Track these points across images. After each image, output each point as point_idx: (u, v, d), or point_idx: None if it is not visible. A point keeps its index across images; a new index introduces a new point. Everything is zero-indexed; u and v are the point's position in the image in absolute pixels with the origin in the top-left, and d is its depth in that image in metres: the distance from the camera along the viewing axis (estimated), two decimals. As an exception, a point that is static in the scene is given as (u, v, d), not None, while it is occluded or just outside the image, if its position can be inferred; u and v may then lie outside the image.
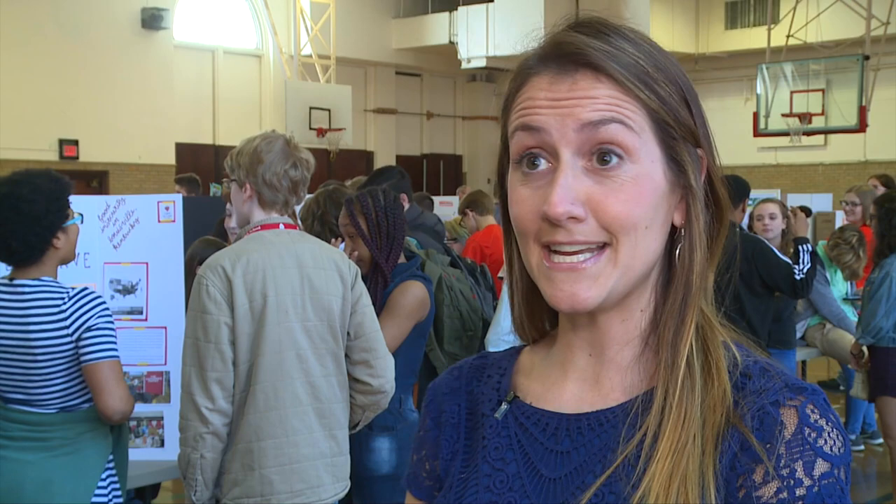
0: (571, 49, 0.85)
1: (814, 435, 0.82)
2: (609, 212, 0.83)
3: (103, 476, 2.64)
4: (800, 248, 4.76)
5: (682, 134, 0.86)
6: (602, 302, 0.85)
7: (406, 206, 4.36)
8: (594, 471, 0.86)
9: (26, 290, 2.56)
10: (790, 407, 0.83)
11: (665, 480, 0.81)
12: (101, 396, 2.55)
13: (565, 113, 0.83)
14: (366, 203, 3.22)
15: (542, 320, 0.98)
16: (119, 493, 2.72)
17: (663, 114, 0.85)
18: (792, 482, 0.81)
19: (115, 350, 2.59)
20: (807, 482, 0.81)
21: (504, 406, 0.94)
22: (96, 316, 2.56)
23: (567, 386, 0.92)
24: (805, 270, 4.68)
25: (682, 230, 0.88)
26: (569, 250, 0.84)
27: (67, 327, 2.54)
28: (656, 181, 0.85)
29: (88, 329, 2.55)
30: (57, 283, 2.60)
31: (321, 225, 3.71)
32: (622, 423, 0.87)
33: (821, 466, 0.81)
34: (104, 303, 2.61)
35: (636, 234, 0.84)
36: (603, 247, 0.84)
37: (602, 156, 0.83)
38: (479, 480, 0.92)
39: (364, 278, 2.90)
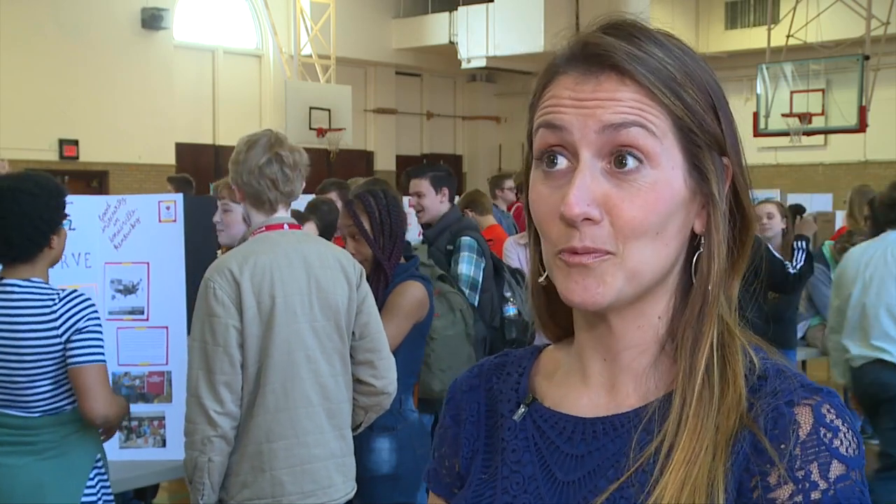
0: (598, 50, 0.85)
1: (829, 435, 0.81)
2: (623, 216, 0.83)
3: (91, 476, 2.62)
4: (795, 244, 4.81)
5: (706, 142, 0.86)
6: (612, 302, 0.85)
7: (447, 206, 4.40)
8: (607, 475, 0.86)
9: (16, 290, 2.55)
10: (805, 406, 0.82)
11: (676, 491, 0.80)
12: (85, 400, 2.54)
13: (587, 114, 0.83)
14: (368, 202, 3.22)
15: (564, 318, 0.97)
16: (109, 493, 2.70)
17: (688, 120, 0.85)
18: (807, 485, 0.79)
19: (102, 354, 2.58)
20: (822, 485, 0.79)
21: (522, 408, 0.95)
22: (86, 318, 2.55)
23: (583, 390, 0.93)
24: (798, 267, 4.74)
25: (702, 238, 0.88)
26: (581, 256, 0.83)
27: (57, 328, 2.53)
28: (675, 188, 0.85)
29: (78, 331, 2.54)
30: (47, 284, 2.59)
31: None
32: (635, 429, 0.86)
33: (837, 469, 0.80)
34: (93, 305, 2.60)
35: (645, 240, 0.84)
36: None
37: (621, 159, 0.83)
38: (497, 482, 0.93)
39: (367, 278, 2.90)
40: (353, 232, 3.23)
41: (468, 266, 4.08)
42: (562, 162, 0.85)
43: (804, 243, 4.88)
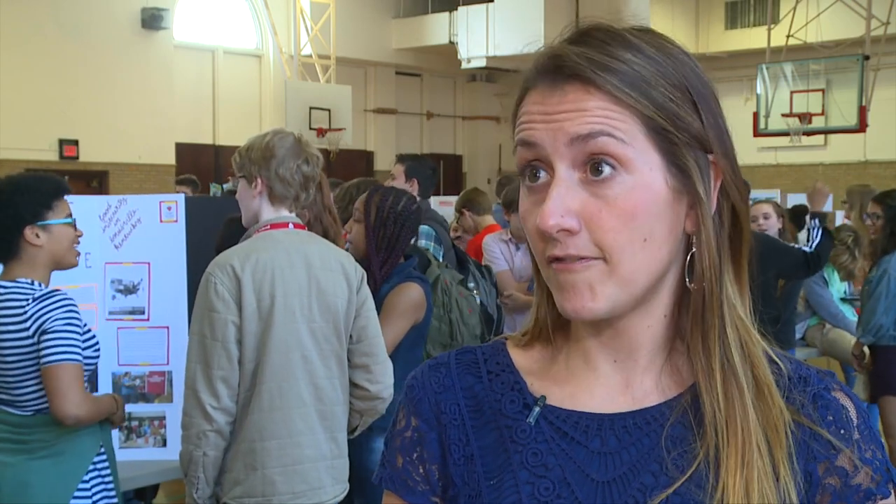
0: (561, 62, 0.84)
1: (865, 415, 0.89)
2: (603, 226, 0.82)
3: (86, 478, 2.60)
4: (811, 222, 4.79)
5: (684, 139, 0.85)
6: (609, 311, 0.84)
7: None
8: (651, 470, 0.86)
9: (1, 291, 2.55)
10: (839, 391, 0.90)
11: (741, 496, 0.82)
12: (53, 400, 2.49)
13: (556, 127, 0.83)
14: (385, 199, 3.25)
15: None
16: (112, 496, 2.68)
17: (659, 119, 0.83)
18: (878, 463, 0.88)
19: (75, 353, 2.52)
20: (881, 457, 0.88)
21: (536, 409, 0.90)
22: (54, 319, 2.51)
23: (595, 389, 0.91)
24: (815, 245, 4.70)
25: (694, 238, 0.87)
26: (567, 263, 0.83)
27: (28, 328, 2.51)
28: (655, 190, 0.83)
29: (45, 332, 2.51)
30: (30, 284, 2.56)
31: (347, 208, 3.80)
32: (669, 422, 0.87)
33: (879, 443, 0.89)
34: (69, 305, 2.55)
35: (633, 248, 0.83)
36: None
37: (596, 166, 0.82)
38: (519, 488, 0.88)
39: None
40: (358, 218, 3.27)
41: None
42: (543, 176, 0.85)
43: (818, 221, 4.83)
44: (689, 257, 0.87)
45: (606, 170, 0.82)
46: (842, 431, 0.87)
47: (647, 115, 0.83)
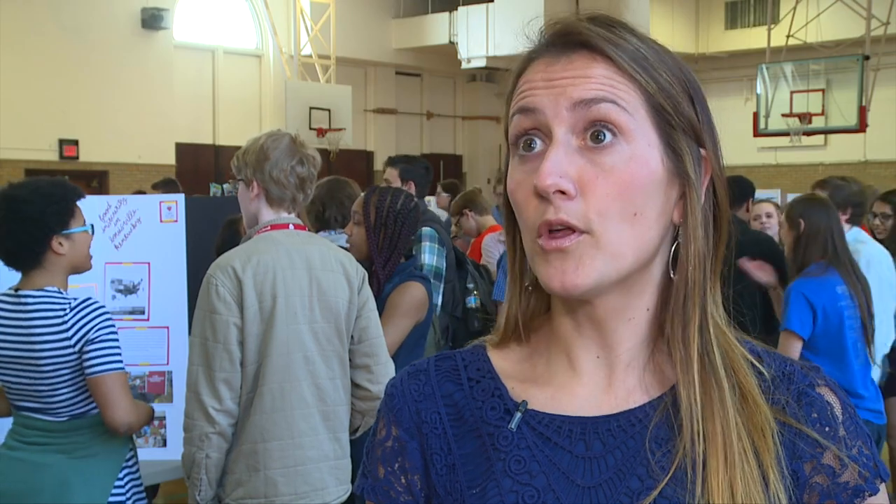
0: (569, 30, 0.85)
1: (851, 409, 0.88)
2: (597, 192, 0.81)
3: (121, 475, 2.64)
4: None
5: (680, 123, 0.85)
6: (595, 285, 0.82)
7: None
8: (637, 474, 0.84)
9: (30, 301, 2.55)
10: (823, 386, 0.88)
11: (727, 499, 0.81)
12: (105, 409, 2.55)
13: (559, 92, 0.83)
14: (383, 199, 3.25)
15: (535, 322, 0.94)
16: (142, 493, 2.72)
17: (660, 98, 0.84)
18: (864, 459, 0.86)
19: (119, 362, 2.57)
20: (868, 453, 0.86)
21: (518, 415, 0.88)
22: (97, 328, 2.54)
23: (576, 390, 0.89)
24: None
25: (681, 229, 0.86)
26: (559, 229, 0.82)
27: (70, 338, 2.52)
28: (652, 166, 0.83)
29: (90, 342, 2.53)
30: (59, 293, 2.58)
31: (322, 210, 3.79)
32: (653, 423, 0.85)
33: (867, 436, 0.88)
34: (106, 312, 2.59)
35: (622, 220, 0.82)
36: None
37: (596, 134, 0.82)
38: (503, 497, 0.86)
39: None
40: (358, 220, 3.28)
41: (430, 255, 4.06)
42: (538, 145, 0.84)
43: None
44: (672, 249, 0.87)
45: (607, 137, 0.82)
46: (826, 429, 0.85)
47: (650, 92, 0.84)
